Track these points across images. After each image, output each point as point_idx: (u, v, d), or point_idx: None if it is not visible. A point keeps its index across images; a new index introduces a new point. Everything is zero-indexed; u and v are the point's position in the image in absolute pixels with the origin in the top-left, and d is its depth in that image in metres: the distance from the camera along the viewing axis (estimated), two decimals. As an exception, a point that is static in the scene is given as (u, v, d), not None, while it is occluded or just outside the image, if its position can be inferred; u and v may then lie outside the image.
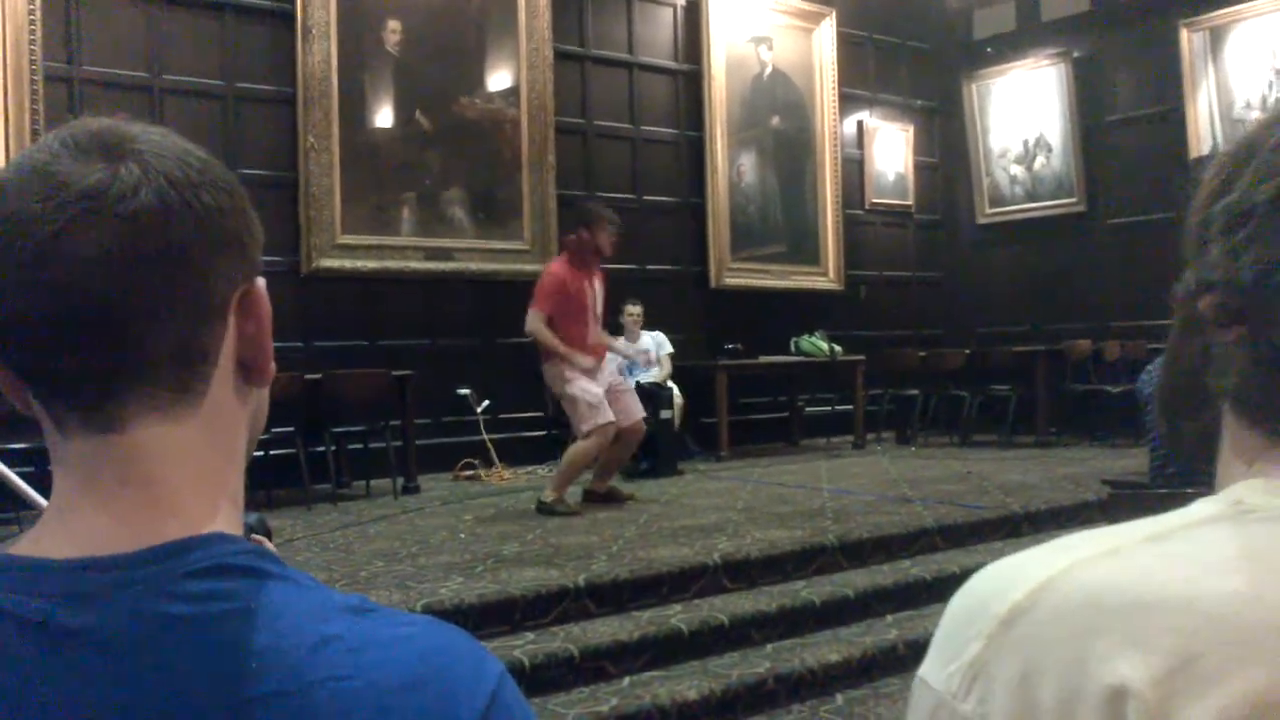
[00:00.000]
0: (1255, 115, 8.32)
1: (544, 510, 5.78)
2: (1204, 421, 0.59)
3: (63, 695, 0.55)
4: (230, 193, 0.65)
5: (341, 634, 0.59)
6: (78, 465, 0.62)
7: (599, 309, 5.98)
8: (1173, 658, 0.46)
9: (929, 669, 0.54)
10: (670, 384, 7.84)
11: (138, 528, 0.60)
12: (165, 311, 0.61)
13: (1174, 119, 8.96)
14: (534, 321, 5.81)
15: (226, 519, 0.64)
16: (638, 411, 6.09)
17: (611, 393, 5.92)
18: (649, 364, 8.04)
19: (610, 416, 5.76)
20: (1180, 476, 3.16)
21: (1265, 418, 0.55)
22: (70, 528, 0.61)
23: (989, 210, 10.45)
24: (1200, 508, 0.54)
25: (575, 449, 5.87)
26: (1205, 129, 8.76)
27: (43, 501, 2.50)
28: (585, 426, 5.77)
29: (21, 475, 2.99)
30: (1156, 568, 0.50)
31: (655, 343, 8.20)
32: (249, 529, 0.75)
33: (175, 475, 0.63)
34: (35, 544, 0.61)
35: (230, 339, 0.66)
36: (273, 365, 0.69)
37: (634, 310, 8.12)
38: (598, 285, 5.97)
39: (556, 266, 5.97)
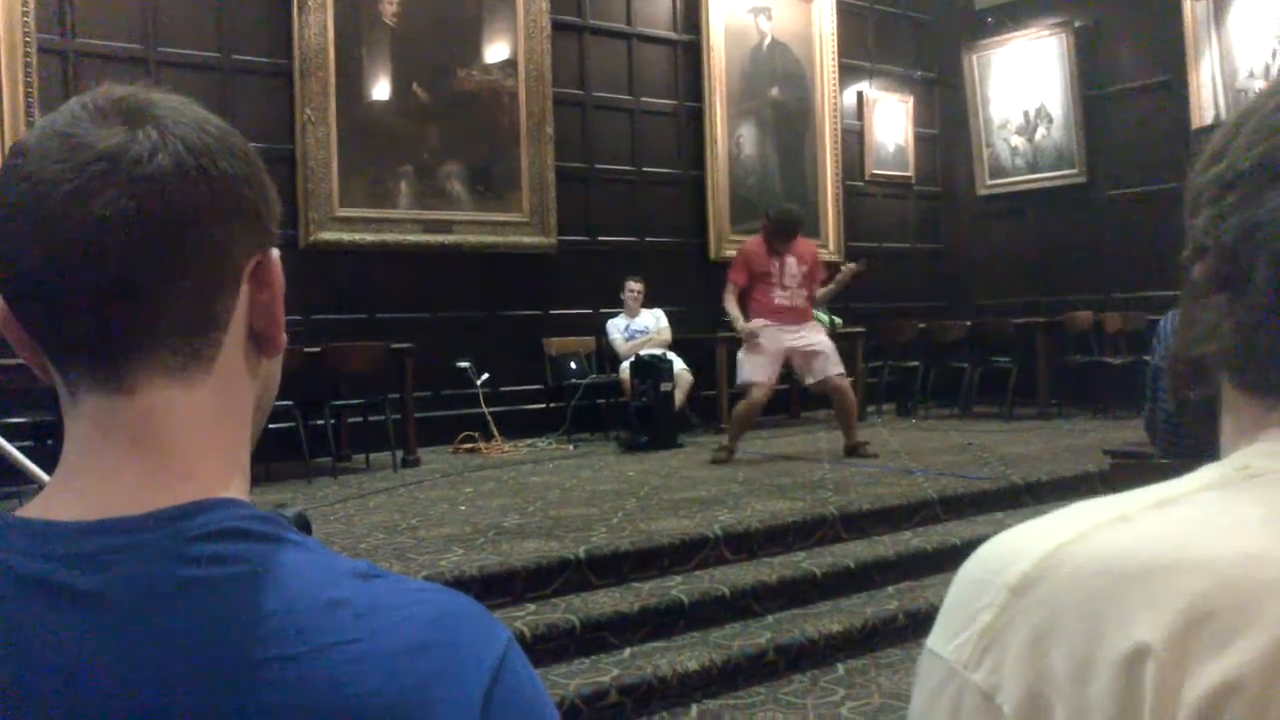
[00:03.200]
0: (1259, 85, 8.28)
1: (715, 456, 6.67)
2: (1208, 390, 0.59)
3: (69, 657, 0.55)
4: (247, 162, 0.66)
5: (350, 598, 0.59)
6: (89, 427, 0.62)
7: (791, 281, 6.75)
8: (1186, 619, 0.46)
9: (937, 640, 0.54)
10: (673, 357, 7.84)
11: (148, 490, 0.61)
12: (178, 275, 0.62)
13: (1176, 89, 8.89)
14: (726, 295, 6.83)
15: (238, 489, 0.65)
16: (828, 370, 6.73)
17: (801, 355, 6.74)
18: (650, 342, 8.04)
19: (758, 379, 6.58)
20: (1190, 449, 3.15)
21: (1258, 383, 0.55)
22: (80, 490, 0.61)
23: (990, 181, 10.41)
24: (1207, 473, 0.55)
25: (737, 407, 6.87)
26: (1208, 99, 8.70)
27: (43, 475, 2.50)
28: (739, 381, 6.81)
29: (22, 449, 2.99)
30: (1166, 532, 0.50)
31: (654, 318, 8.20)
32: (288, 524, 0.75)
33: (186, 440, 0.63)
34: (45, 506, 0.61)
35: (243, 307, 0.66)
36: (284, 336, 0.70)
37: (635, 287, 8.11)
38: (791, 261, 6.76)
39: (750, 242, 6.99)
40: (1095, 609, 0.48)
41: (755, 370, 6.60)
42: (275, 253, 0.68)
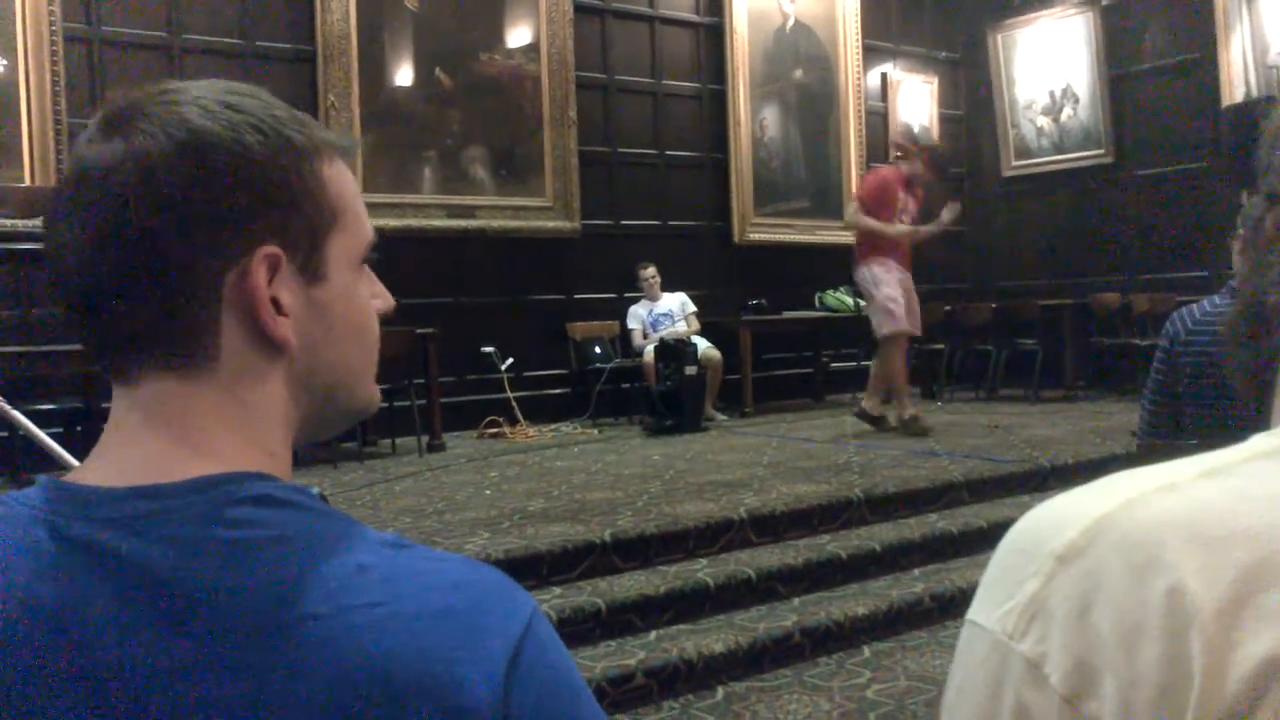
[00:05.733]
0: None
1: (861, 415, 6.61)
2: (1262, 351, 0.57)
3: (105, 616, 0.58)
4: (214, 169, 0.64)
5: (376, 564, 0.61)
6: (115, 409, 0.67)
7: (907, 219, 6.62)
8: (1237, 589, 0.45)
9: (980, 611, 0.53)
10: (697, 340, 7.83)
11: (167, 465, 0.63)
12: (133, 290, 0.63)
13: (1205, 67, 8.76)
14: (852, 213, 6.65)
15: (260, 468, 0.66)
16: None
17: (912, 300, 6.62)
18: (674, 324, 8.02)
19: (904, 326, 6.49)
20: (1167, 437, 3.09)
21: None
22: (107, 459, 0.65)
23: (1015, 163, 10.32)
24: (1259, 442, 0.53)
25: (877, 359, 6.71)
26: (1238, 76, 8.56)
27: (73, 460, 2.53)
28: (882, 331, 6.55)
29: (52, 436, 3.02)
30: (1217, 502, 0.49)
31: (679, 303, 8.17)
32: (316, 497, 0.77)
33: (197, 422, 0.65)
34: (82, 473, 0.65)
35: (234, 310, 0.65)
36: (285, 334, 0.67)
37: (648, 272, 8.06)
38: (913, 201, 6.66)
39: (885, 170, 6.90)
40: (1143, 577, 0.47)
41: (902, 315, 6.47)
42: (265, 251, 0.65)
